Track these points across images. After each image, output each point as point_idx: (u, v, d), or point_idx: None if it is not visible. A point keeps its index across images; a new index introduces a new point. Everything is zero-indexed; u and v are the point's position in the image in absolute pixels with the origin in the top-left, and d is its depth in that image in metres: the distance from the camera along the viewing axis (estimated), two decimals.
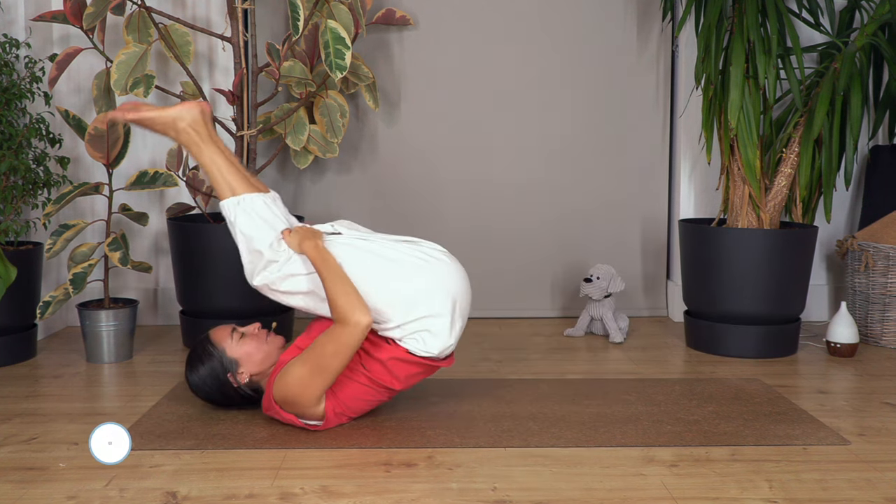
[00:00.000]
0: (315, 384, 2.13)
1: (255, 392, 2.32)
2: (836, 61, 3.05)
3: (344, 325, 2.10)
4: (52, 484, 1.92)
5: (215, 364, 2.28)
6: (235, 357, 2.27)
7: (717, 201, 3.57)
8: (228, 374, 2.28)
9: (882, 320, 3.19)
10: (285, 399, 2.16)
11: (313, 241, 2.21)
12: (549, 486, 1.92)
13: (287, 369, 2.16)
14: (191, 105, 2.35)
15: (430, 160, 3.67)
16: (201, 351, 2.30)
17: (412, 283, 2.20)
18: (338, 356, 2.12)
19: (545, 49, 3.65)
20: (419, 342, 2.20)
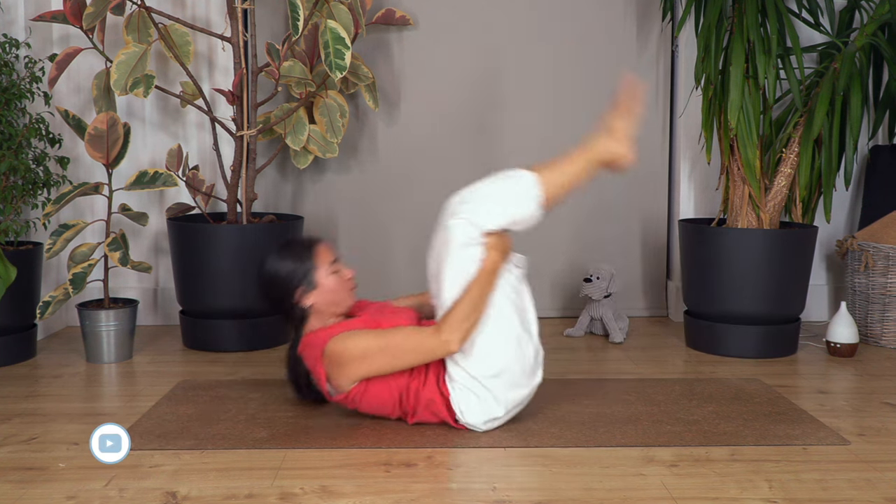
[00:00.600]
0: (373, 364, 2.13)
1: (299, 321, 2.30)
2: (836, 61, 3.05)
3: (439, 334, 2.10)
4: (51, 484, 1.92)
5: (298, 270, 2.25)
6: (318, 281, 2.26)
7: (716, 201, 3.57)
8: (299, 288, 2.25)
9: (882, 320, 3.19)
10: (337, 358, 2.14)
11: (499, 258, 2.16)
12: (548, 486, 1.92)
13: (359, 334, 2.14)
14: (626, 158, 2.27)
15: (430, 160, 3.67)
16: (297, 251, 2.27)
17: (515, 364, 2.18)
18: (410, 356, 2.12)
19: (545, 49, 3.65)
20: (465, 402, 2.18)
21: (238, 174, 3.18)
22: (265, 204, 3.62)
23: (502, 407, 2.20)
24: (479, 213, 2.14)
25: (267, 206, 3.62)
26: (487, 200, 2.15)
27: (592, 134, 2.30)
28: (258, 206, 3.56)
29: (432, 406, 2.21)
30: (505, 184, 2.18)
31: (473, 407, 2.19)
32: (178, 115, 3.49)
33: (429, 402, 2.21)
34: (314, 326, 2.31)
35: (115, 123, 2.90)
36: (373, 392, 2.21)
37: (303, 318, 2.31)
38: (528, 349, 2.22)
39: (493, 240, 2.16)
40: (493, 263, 2.15)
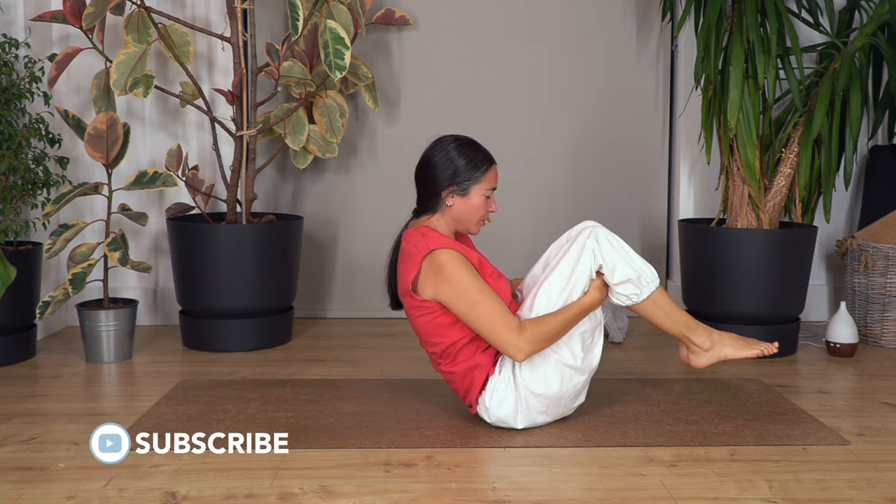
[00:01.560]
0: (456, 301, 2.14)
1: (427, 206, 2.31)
2: (836, 61, 3.05)
3: (518, 336, 2.12)
4: (51, 484, 1.91)
5: (465, 172, 2.25)
6: (469, 195, 2.26)
7: (716, 201, 3.57)
8: (454, 185, 2.26)
9: (881, 320, 3.19)
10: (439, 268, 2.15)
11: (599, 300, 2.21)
12: (548, 485, 1.92)
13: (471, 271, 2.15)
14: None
15: None
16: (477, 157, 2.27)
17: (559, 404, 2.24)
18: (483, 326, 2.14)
19: (545, 49, 3.65)
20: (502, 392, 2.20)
21: (238, 174, 3.18)
22: (265, 204, 3.62)
23: (523, 421, 2.23)
24: (611, 257, 2.20)
25: (266, 206, 3.62)
26: (622, 256, 2.20)
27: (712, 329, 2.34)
28: (258, 206, 3.56)
29: (475, 371, 2.22)
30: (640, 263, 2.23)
31: (504, 404, 2.21)
32: (178, 115, 3.49)
33: (476, 365, 2.22)
34: (436, 225, 2.31)
35: (114, 123, 2.90)
36: (441, 320, 2.20)
37: (434, 209, 2.31)
38: (576, 389, 2.26)
39: (600, 282, 2.22)
40: (593, 303, 2.21)
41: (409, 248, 2.24)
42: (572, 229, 2.31)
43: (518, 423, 2.23)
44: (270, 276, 3.12)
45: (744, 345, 2.31)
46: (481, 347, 2.23)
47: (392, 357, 3.05)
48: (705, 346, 2.30)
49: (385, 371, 2.86)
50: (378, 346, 3.23)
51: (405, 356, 3.05)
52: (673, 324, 2.29)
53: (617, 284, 2.20)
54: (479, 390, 2.23)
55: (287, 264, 3.18)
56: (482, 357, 2.23)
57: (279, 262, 3.14)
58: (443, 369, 2.28)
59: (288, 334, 3.27)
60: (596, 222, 2.27)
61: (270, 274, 3.11)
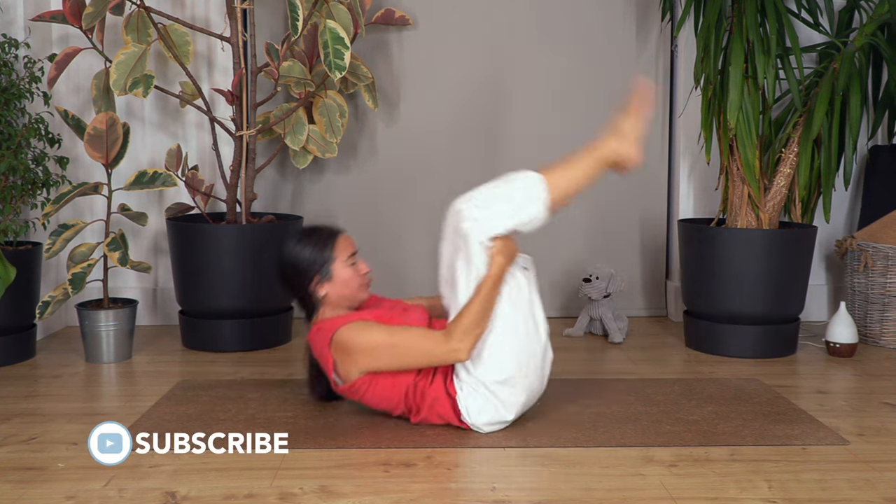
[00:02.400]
0: (380, 358, 2.15)
1: (311, 308, 2.31)
2: (836, 61, 3.05)
3: (448, 340, 2.10)
4: (51, 484, 1.91)
5: (317, 259, 2.26)
6: (335, 273, 2.27)
7: (716, 201, 3.57)
8: (316, 276, 2.26)
9: (881, 320, 3.19)
10: (346, 346, 2.15)
11: (505, 263, 2.15)
12: (548, 486, 1.92)
13: (370, 327, 2.16)
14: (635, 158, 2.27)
15: (430, 160, 3.67)
16: (319, 241, 2.28)
17: (524, 369, 2.19)
18: (417, 357, 2.14)
19: (545, 49, 3.65)
20: (473, 404, 2.18)
21: (237, 174, 3.18)
22: (264, 204, 3.62)
23: (510, 412, 2.21)
24: (487, 218, 2.13)
25: (266, 206, 3.62)
26: (495, 203, 2.15)
27: (601, 135, 2.28)
28: (257, 206, 3.56)
29: (437, 405, 2.21)
30: (511, 185, 2.18)
31: (481, 409, 2.19)
32: (178, 115, 3.49)
33: (434, 400, 2.21)
34: (326, 315, 2.31)
35: (114, 123, 2.90)
36: (379, 386, 2.21)
37: (316, 306, 2.32)
38: (535, 353, 2.23)
39: (499, 244, 2.15)
40: (500, 269, 2.15)
41: (316, 351, 2.26)
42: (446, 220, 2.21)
43: (509, 416, 2.21)
44: (270, 277, 3.11)
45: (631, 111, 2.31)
46: (428, 384, 2.21)
47: None
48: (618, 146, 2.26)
49: None
50: None
51: None
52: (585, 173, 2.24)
53: (519, 223, 2.14)
54: (457, 416, 2.21)
55: None
56: (433, 391, 2.21)
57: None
58: (416, 422, 2.26)
59: (287, 334, 3.27)
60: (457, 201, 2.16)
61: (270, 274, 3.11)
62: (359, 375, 2.19)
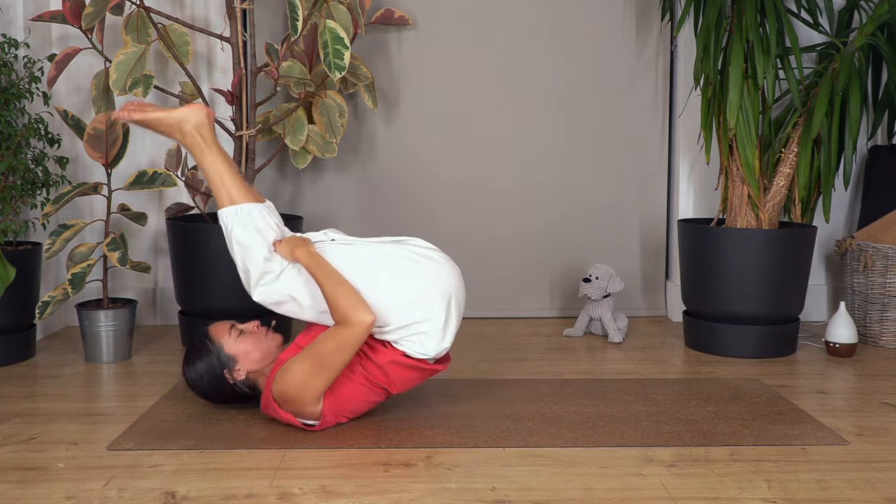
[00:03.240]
0: (315, 382, 2.13)
1: (252, 390, 2.31)
2: (835, 61, 3.05)
3: (347, 325, 2.10)
4: (50, 484, 1.91)
5: (213, 360, 2.26)
6: (233, 354, 2.26)
7: (715, 201, 3.57)
8: (225, 371, 2.26)
9: (881, 320, 3.19)
10: (284, 397, 2.16)
11: (305, 248, 2.22)
12: (547, 486, 1.92)
13: (287, 367, 2.15)
14: (196, 108, 2.35)
15: (429, 160, 3.67)
16: (199, 346, 2.29)
17: (408, 285, 2.20)
18: (339, 354, 2.12)
19: (544, 49, 3.65)
20: (415, 344, 2.20)
21: None
22: None
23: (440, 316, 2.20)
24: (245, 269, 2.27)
25: None
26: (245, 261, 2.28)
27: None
28: None
29: (397, 367, 2.20)
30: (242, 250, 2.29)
31: (425, 342, 2.20)
32: None
33: (390, 365, 2.20)
34: (261, 384, 2.31)
35: (113, 123, 2.90)
36: (345, 396, 2.20)
37: (253, 387, 2.31)
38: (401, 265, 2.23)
39: (281, 247, 2.25)
40: (304, 256, 2.20)
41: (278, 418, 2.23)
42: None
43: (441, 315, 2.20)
44: None
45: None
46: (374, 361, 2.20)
47: None
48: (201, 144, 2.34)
49: None
50: None
51: None
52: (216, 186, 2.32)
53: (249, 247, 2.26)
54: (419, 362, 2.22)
55: None
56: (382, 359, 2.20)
57: None
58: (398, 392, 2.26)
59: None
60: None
61: None
62: (318, 405, 2.18)
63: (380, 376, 2.21)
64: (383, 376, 2.21)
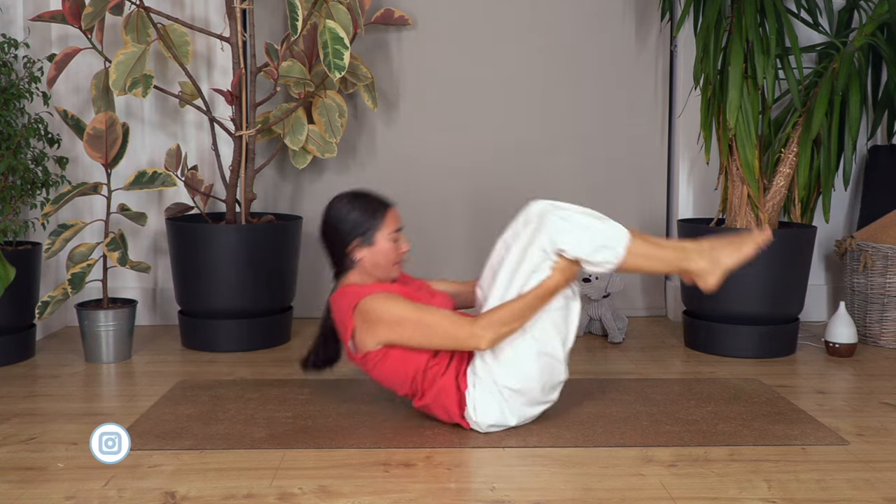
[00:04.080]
0: (401, 333, 2.14)
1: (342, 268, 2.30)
2: (835, 61, 3.05)
3: (474, 325, 2.10)
4: (50, 484, 1.91)
5: (364, 223, 2.26)
6: (375, 243, 2.26)
7: (715, 201, 3.57)
8: (357, 238, 2.26)
9: (881, 320, 3.19)
10: (370, 314, 2.14)
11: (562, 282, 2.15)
12: (547, 485, 1.92)
13: (396, 300, 2.15)
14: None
15: (429, 160, 3.67)
16: (371, 205, 2.29)
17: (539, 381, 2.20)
18: (439, 338, 2.13)
19: (544, 49, 3.65)
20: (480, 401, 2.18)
21: (237, 174, 3.18)
22: (264, 204, 3.62)
23: (515, 418, 2.22)
24: (564, 230, 2.12)
25: (266, 206, 3.62)
26: (577, 227, 2.13)
27: (700, 243, 2.24)
28: (257, 206, 3.56)
29: (443, 395, 2.20)
30: (600, 223, 2.15)
31: (488, 409, 2.19)
32: (177, 115, 3.49)
33: (441, 389, 2.20)
34: (354, 280, 2.31)
35: (113, 123, 2.90)
36: (391, 361, 2.20)
37: (347, 268, 2.31)
38: (556, 376, 2.24)
39: (564, 263, 2.15)
40: (556, 285, 2.15)
41: (338, 316, 2.25)
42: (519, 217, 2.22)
43: (511, 422, 2.23)
44: (269, 276, 3.12)
45: (738, 246, 2.23)
46: (440, 372, 2.20)
47: None
48: (707, 269, 2.21)
49: None
50: None
51: None
52: (663, 265, 2.21)
53: (587, 257, 2.13)
54: (460, 410, 2.21)
55: (286, 264, 3.18)
56: (443, 380, 2.20)
57: (278, 262, 3.13)
58: (417, 405, 2.27)
59: (287, 334, 3.27)
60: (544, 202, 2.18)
61: (269, 274, 3.11)
62: (376, 347, 2.18)
63: (426, 383, 2.21)
64: (428, 386, 2.21)
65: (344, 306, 2.22)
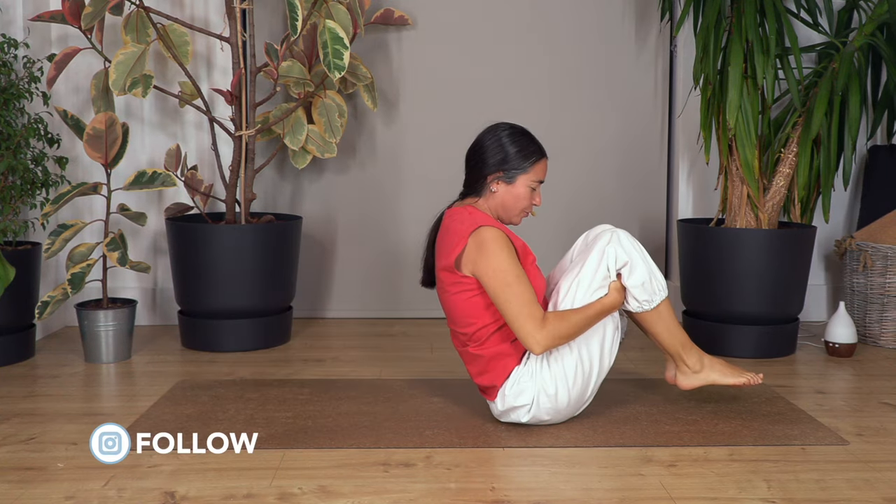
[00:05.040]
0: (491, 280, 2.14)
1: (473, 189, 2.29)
2: (835, 61, 3.05)
3: (539, 329, 2.11)
4: (50, 484, 1.91)
5: (513, 160, 2.25)
6: (515, 184, 2.25)
7: (715, 201, 3.57)
8: (501, 171, 2.25)
9: (880, 320, 3.19)
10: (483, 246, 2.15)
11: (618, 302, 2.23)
12: (547, 485, 1.92)
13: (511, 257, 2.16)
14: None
15: (429, 160, 3.67)
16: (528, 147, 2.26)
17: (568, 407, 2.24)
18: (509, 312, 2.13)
19: (544, 49, 3.65)
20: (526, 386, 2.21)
21: (236, 174, 3.18)
22: (264, 204, 3.61)
23: (528, 418, 2.24)
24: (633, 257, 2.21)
25: (265, 206, 3.62)
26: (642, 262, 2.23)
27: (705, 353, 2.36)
28: (257, 206, 3.56)
29: (501, 358, 2.22)
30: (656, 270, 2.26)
31: (521, 395, 2.21)
32: (177, 115, 3.49)
33: (504, 352, 2.22)
34: (479, 206, 2.30)
35: (113, 123, 2.90)
36: (482, 299, 2.21)
37: (476, 192, 2.30)
38: (584, 398, 2.27)
39: (620, 284, 2.23)
40: (614, 303, 2.22)
41: (454, 225, 2.24)
42: (590, 232, 2.32)
43: (523, 418, 2.24)
44: (269, 276, 3.12)
45: (731, 372, 2.34)
46: (511, 336, 2.23)
47: (391, 357, 3.05)
48: (695, 368, 2.33)
49: (384, 371, 2.86)
50: (377, 345, 3.23)
51: (404, 356, 3.05)
52: (671, 340, 2.31)
53: (633, 286, 2.21)
54: (503, 378, 2.23)
55: (286, 264, 3.18)
56: (511, 346, 2.23)
57: (278, 262, 3.13)
58: (470, 350, 2.27)
59: (287, 334, 3.27)
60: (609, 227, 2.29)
61: (269, 274, 3.11)
62: (469, 275, 2.19)
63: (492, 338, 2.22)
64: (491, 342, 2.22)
65: (465, 222, 2.22)
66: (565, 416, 2.28)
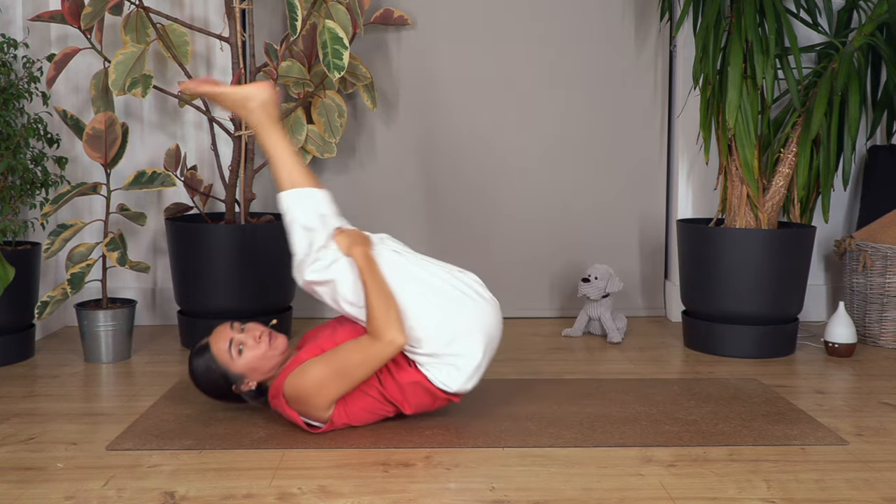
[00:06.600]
0: (332, 389, 2.12)
1: (259, 394, 2.27)
2: (834, 61, 3.05)
3: (377, 339, 2.09)
4: (49, 484, 1.91)
5: (219, 380, 2.22)
6: (239, 372, 2.22)
7: (715, 201, 3.57)
8: (234, 387, 2.24)
9: (880, 320, 3.19)
10: (297, 397, 2.14)
11: (363, 248, 2.20)
12: (546, 486, 1.92)
13: (305, 368, 2.13)
14: (263, 86, 2.35)
15: (428, 160, 3.67)
16: (203, 368, 2.23)
17: (455, 317, 2.18)
18: (362, 368, 2.11)
19: (543, 49, 3.65)
20: (442, 374, 2.19)
21: (236, 174, 3.18)
22: (263, 204, 3.62)
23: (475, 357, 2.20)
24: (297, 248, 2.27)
25: (265, 206, 3.62)
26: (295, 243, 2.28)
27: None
28: (256, 206, 3.56)
29: (417, 389, 2.20)
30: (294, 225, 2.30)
31: (450, 375, 2.19)
32: (177, 115, 3.49)
33: (411, 385, 2.20)
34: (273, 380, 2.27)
35: (113, 123, 2.90)
36: (356, 405, 2.20)
37: (260, 390, 2.26)
38: (460, 300, 2.21)
39: (341, 239, 2.23)
40: (362, 256, 2.19)
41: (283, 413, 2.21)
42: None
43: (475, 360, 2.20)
44: (269, 277, 3.12)
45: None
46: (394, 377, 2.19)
47: None
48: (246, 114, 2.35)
49: None
50: None
51: None
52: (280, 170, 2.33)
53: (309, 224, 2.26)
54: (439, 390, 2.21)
55: (285, 264, 3.18)
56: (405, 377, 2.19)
57: (277, 262, 3.13)
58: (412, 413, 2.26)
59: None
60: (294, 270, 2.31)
61: (269, 274, 3.11)
62: (329, 410, 2.17)
63: (396, 394, 2.20)
64: (399, 394, 2.20)
65: (280, 405, 2.20)
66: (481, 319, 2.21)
